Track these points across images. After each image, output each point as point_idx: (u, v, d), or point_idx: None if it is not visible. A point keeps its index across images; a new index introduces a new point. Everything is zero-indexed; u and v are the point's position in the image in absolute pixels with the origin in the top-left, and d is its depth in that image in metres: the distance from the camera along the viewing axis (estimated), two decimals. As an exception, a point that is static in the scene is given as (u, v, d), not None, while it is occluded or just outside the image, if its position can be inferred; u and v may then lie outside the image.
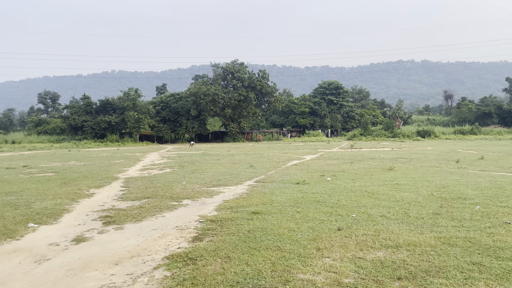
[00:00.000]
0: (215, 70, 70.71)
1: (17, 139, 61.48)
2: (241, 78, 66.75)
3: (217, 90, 64.93)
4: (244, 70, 68.79)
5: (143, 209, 9.48)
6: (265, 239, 6.55)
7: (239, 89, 66.53)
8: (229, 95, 67.57)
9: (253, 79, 68.41)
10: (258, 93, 69.25)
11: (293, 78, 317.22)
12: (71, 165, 23.31)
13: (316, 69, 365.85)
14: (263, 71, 70.85)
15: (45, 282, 5.08)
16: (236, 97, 65.59)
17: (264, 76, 69.78)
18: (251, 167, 19.24)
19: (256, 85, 67.37)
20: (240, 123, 68.40)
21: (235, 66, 69.10)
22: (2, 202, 10.57)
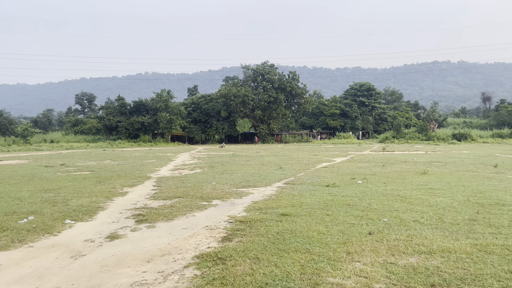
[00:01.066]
0: (245, 71, 71.13)
1: (56, 139, 64.11)
2: (271, 79, 66.83)
3: (247, 92, 65.30)
4: (274, 71, 68.83)
5: (174, 208, 9.65)
6: (294, 241, 6.52)
7: (269, 91, 66.62)
8: (259, 96, 67.79)
9: (283, 80, 68.35)
10: (288, 94, 69.14)
11: (324, 79, 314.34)
12: (106, 164, 24.04)
13: (347, 70, 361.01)
14: (293, 73, 70.66)
15: (81, 277, 5.26)
16: (266, 99, 65.72)
17: (294, 77, 69.58)
18: (280, 168, 19.21)
19: (286, 86, 67.26)
20: (269, 124, 68.49)
21: (266, 67, 69.25)
22: (41, 199, 11.04)
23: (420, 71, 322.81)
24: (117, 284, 4.99)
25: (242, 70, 72.41)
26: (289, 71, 71.40)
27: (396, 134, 63.89)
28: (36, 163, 25.70)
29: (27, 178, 16.41)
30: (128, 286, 4.92)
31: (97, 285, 4.97)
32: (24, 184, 14.33)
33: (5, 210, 9.50)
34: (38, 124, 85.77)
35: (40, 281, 5.16)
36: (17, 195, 11.79)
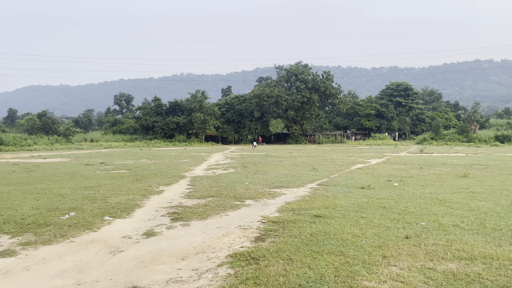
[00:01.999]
0: (278, 72, 71.03)
1: (95, 138, 66.52)
2: (305, 79, 66.37)
3: (280, 92, 65.19)
4: (308, 71, 68.31)
5: (208, 207, 9.78)
6: (328, 243, 6.45)
7: (303, 91, 66.21)
8: (292, 97, 67.50)
9: (317, 80, 67.72)
10: (321, 94, 68.43)
11: (359, 79, 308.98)
12: (143, 163, 24.69)
13: (383, 69, 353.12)
14: (327, 73, 69.86)
15: (119, 272, 5.43)
16: (299, 99, 65.35)
17: (328, 77, 68.77)
18: (313, 169, 19.04)
19: (320, 86, 66.59)
20: (302, 125, 68.05)
21: (299, 67, 68.87)
22: (82, 196, 11.49)
23: (460, 70, 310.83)
24: (153, 280, 5.11)
25: (275, 71, 72.35)
26: (323, 71, 70.63)
27: (434, 135, 61.77)
28: (77, 161, 26.78)
29: (68, 175, 17.12)
30: (164, 282, 5.03)
31: (134, 280, 5.11)
32: (66, 182, 14.96)
33: (49, 206, 9.95)
34: (79, 124, 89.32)
35: (80, 275, 5.36)
36: (59, 192, 12.33)
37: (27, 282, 5.14)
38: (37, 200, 10.75)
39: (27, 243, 6.80)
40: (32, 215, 8.81)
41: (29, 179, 15.85)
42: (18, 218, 8.58)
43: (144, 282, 5.04)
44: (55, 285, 5.03)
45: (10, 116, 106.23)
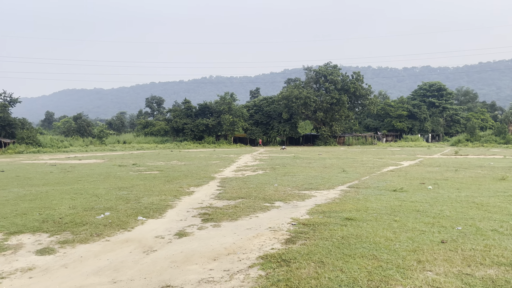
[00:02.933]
0: (307, 73, 70.61)
1: (128, 140, 68.26)
2: (334, 80, 65.67)
3: (309, 93, 64.76)
4: (337, 72, 67.54)
5: (238, 209, 9.83)
6: (360, 246, 6.34)
7: (332, 92, 65.53)
8: (321, 98, 66.93)
9: (347, 81, 66.84)
10: (351, 95, 67.49)
11: (390, 79, 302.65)
12: (173, 164, 25.12)
13: (415, 69, 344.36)
14: (357, 73, 68.84)
15: (152, 271, 5.54)
16: (328, 100, 64.71)
17: (358, 78, 67.74)
18: (343, 171, 18.80)
19: (350, 87, 65.69)
20: (331, 126, 67.33)
21: (328, 68, 68.18)
22: (116, 196, 11.81)
23: (497, 69, 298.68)
24: (186, 280, 5.19)
25: (304, 72, 71.95)
26: (353, 72, 69.63)
27: (470, 136, 59.66)
28: (110, 162, 27.57)
29: (103, 176, 17.64)
30: (196, 282, 5.10)
31: (168, 280, 5.20)
32: (101, 182, 15.42)
33: (85, 206, 10.29)
34: (112, 126, 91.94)
35: (116, 273, 5.51)
36: (94, 192, 12.72)
37: (66, 279, 5.32)
38: (74, 200, 11.13)
39: (65, 241, 7.05)
40: (69, 215, 9.13)
41: (66, 180, 16.45)
42: (56, 217, 8.91)
43: (177, 282, 5.13)
44: (92, 283, 5.19)
45: (48, 119, 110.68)
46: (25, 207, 10.15)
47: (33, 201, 11.00)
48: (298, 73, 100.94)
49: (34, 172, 20.61)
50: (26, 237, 7.39)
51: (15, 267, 5.78)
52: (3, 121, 55.35)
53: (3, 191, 13.29)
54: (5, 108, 56.96)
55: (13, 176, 18.44)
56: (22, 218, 8.85)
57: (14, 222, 8.42)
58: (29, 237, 7.39)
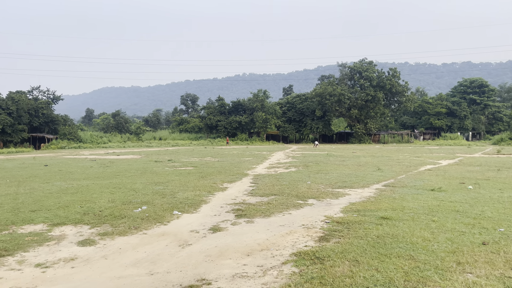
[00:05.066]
0: (341, 70, 69.57)
1: (163, 136, 69.87)
2: (369, 77, 64.34)
3: (343, 90, 63.81)
4: (373, 68, 66.13)
5: (271, 205, 9.85)
6: (396, 246, 6.20)
7: (367, 89, 64.26)
8: (355, 95, 65.80)
9: (382, 78, 65.33)
10: (387, 92, 65.94)
11: (428, 76, 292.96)
12: (207, 160, 25.49)
13: (455, 65, 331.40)
14: (393, 69, 67.14)
15: (188, 265, 5.66)
16: (363, 97, 63.52)
17: (395, 74, 66.04)
18: (378, 170, 18.41)
19: (386, 84, 64.17)
20: (366, 124, 66.05)
21: (363, 65, 66.88)
22: (152, 191, 12.13)
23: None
24: (220, 274, 5.26)
25: (338, 69, 70.96)
26: (389, 68, 67.96)
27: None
28: (147, 158, 28.32)
29: (140, 171, 18.16)
30: (230, 277, 5.16)
31: (202, 273, 5.30)
32: (138, 177, 15.88)
33: (123, 199, 10.64)
34: (148, 123, 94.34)
35: (153, 266, 5.67)
36: (132, 186, 13.12)
37: (106, 270, 5.53)
38: (113, 194, 11.53)
39: (105, 233, 7.33)
40: (109, 208, 9.47)
41: (105, 174, 17.06)
42: (96, 210, 9.27)
43: (211, 275, 5.21)
44: (130, 274, 5.37)
45: (88, 115, 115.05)
46: (67, 200, 10.62)
47: (74, 194, 11.49)
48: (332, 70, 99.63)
49: (76, 166, 21.50)
50: (69, 228, 7.73)
51: (58, 257, 6.06)
52: (46, 118, 58.01)
53: (47, 184, 13.96)
54: (49, 105, 59.67)
55: (56, 170, 19.32)
56: (65, 210, 9.26)
57: (57, 214, 8.83)
58: (71, 228, 7.73)
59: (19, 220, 8.31)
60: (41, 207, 9.66)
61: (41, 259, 5.96)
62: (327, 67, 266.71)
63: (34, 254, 6.18)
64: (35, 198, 10.90)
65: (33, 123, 56.18)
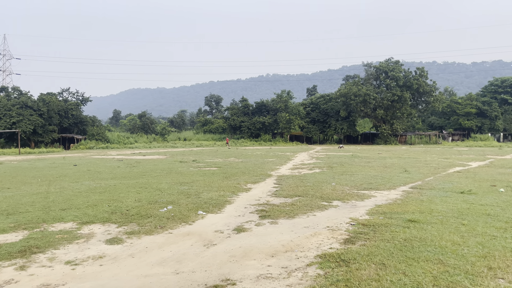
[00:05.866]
0: (367, 69, 68.61)
1: (188, 137, 70.74)
2: (396, 77, 63.14)
3: (368, 90, 62.88)
4: (399, 68, 64.86)
5: (295, 207, 9.80)
6: (424, 250, 6.06)
7: (393, 89, 63.10)
8: (381, 95, 64.72)
9: (409, 77, 63.99)
10: (414, 92, 64.55)
11: (457, 75, 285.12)
12: (231, 161, 25.62)
13: (485, 64, 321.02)
14: (420, 69, 65.65)
15: (212, 264, 5.70)
16: (389, 97, 62.39)
17: (422, 74, 64.57)
18: (405, 171, 18.04)
19: (413, 84, 62.83)
20: (392, 124, 64.84)
21: (389, 64, 65.70)
22: (177, 191, 12.28)
23: None
24: (245, 274, 5.27)
25: (363, 68, 70.05)
26: (416, 67, 66.48)
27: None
28: (172, 158, 28.73)
29: (165, 171, 18.43)
30: (255, 277, 5.16)
31: (227, 273, 5.33)
32: (163, 177, 16.12)
33: (149, 199, 10.82)
34: (173, 124, 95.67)
35: (178, 265, 5.74)
36: (158, 186, 13.34)
37: (133, 268, 5.64)
38: (139, 194, 11.75)
39: (132, 232, 7.47)
40: (135, 207, 9.66)
41: (131, 174, 17.41)
42: (124, 209, 9.46)
43: (236, 276, 5.23)
44: (156, 273, 5.45)
45: (115, 116, 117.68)
46: (95, 199, 10.89)
47: (102, 194, 11.77)
48: (357, 70, 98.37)
49: (103, 166, 22.03)
50: (97, 227, 7.92)
51: (87, 255, 6.22)
52: (76, 119, 59.70)
53: (76, 183, 14.36)
54: (78, 107, 61.40)
55: (85, 170, 19.86)
56: (93, 209, 9.50)
57: (86, 213, 9.07)
58: (99, 227, 7.92)
59: (50, 218, 8.57)
60: (70, 205, 9.94)
61: (71, 256, 6.13)
62: (352, 67, 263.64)
63: (64, 251, 6.37)
64: (65, 197, 11.23)
65: (63, 124, 57.93)
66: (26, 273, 5.42)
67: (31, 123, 51.57)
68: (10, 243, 6.71)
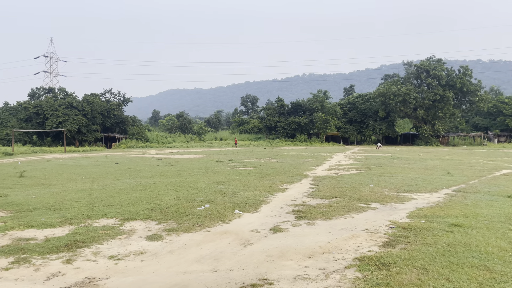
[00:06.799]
0: (407, 68, 66.65)
1: (224, 137, 71.54)
2: (438, 76, 60.96)
3: (408, 90, 61.08)
4: (442, 67, 62.55)
5: (332, 208, 9.68)
6: (469, 255, 5.80)
7: (435, 88, 60.96)
8: (422, 94, 62.68)
9: (452, 76, 61.59)
10: (457, 92, 62.05)
11: (504, 74, 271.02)
12: (266, 161, 25.66)
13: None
14: (464, 67, 63.04)
15: (249, 264, 5.73)
16: (430, 97, 60.33)
17: (466, 72, 61.97)
18: (448, 174, 17.37)
19: (456, 83, 60.41)
20: (434, 125, 62.64)
21: (431, 63, 63.51)
22: (214, 190, 12.45)
23: None
24: (282, 275, 5.26)
25: (403, 67, 68.11)
26: (460, 66, 63.91)
27: None
28: (208, 158, 29.15)
29: (202, 171, 18.73)
30: (292, 278, 5.14)
31: (264, 273, 5.34)
32: (200, 176, 16.39)
33: (187, 197, 11.04)
34: (210, 124, 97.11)
35: (216, 263, 5.82)
36: (195, 185, 13.57)
37: (172, 265, 5.77)
38: (178, 192, 12.01)
39: (171, 229, 7.64)
40: (174, 205, 9.87)
41: (170, 173, 17.83)
42: (163, 206, 9.70)
43: (273, 276, 5.23)
44: (195, 270, 5.55)
45: (154, 116, 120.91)
46: (136, 196, 11.24)
47: (143, 191, 12.13)
48: (396, 69, 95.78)
49: (143, 165, 22.70)
50: (138, 223, 8.17)
51: (129, 250, 6.42)
52: (117, 119, 61.86)
53: (117, 181, 14.87)
54: (119, 107, 63.60)
55: (126, 168, 20.53)
56: (134, 206, 9.81)
57: (127, 210, 9.37)
58: (140, 223, 8.16)
59: (94, 214, 8.93)
60: (113, 202, 10.31)
61: (114, 251, 6.35)
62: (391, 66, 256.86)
63: (107, 246, 6.61)
64: (107, 194, 11.66)
65: (105, 123, 60.19)
66: (72, 266, 5.67)
67: (76, 122, 53.96)
68: (57, 237, 7.04)
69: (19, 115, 57.22)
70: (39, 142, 54.96)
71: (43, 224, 7.92)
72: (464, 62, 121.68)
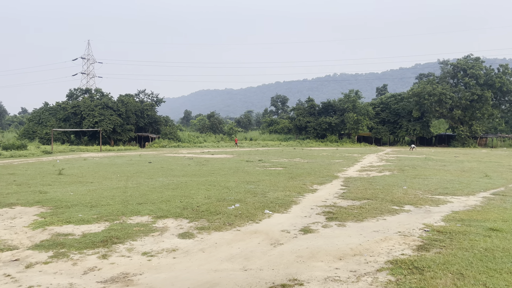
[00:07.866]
0: (443, 67, 64.60)
1: (254, 137, 71.79)
2: (475, 75, 58.74)
3: (444, 89, 59.16)
4: (480, 65, 60.22)
5: (363, 210, 9.53)
6: (508, 261, 5.57)
7: (472, 88, 58.76)
8: (459, 94, 60.57)
9: (491, 75, 59.18)
10: (496, 91, 59.59)
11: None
12: (296, 161, 25.54)
13: None
14: (504, 66, 60.43)
15: (279, 264, 5.74)
16: (467, 97, 58.20)
17: (506, 71, 59.40)
18: (486, 176, 16.71)
19: (495, 82, 58.01)
20: (471, 126, 60.39)
21: (469, 61, 61.27)
22: (244, 190, 12.52)
23: None
24: (312, 276, 5.24)
25: (439, 66, 66.04)
26: (499, 65, 61.31)
27: None
28: (239, 158, 29.34)
29: (232, 170, 18.88)
30: (322, 279, 5.11)
31: (294, 273, 5.33)
32: (231, 176, 16.53)
33: (218, 196, 11.16)
34: (240, 124, 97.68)
35: (246, 262, 5.86)
36: (225, 184, 13.70)
37: (203, 263, 5.86)
38: (208, 191, 12.17)
39: (202, 228, 7.76)
40: (205, 204, 10.01)
41: (201, 172, 18.08)
42: (194, 205, 9.86)
43: (303, 276, 5.21)
44: (225, 268, 5.61)
45: (186, 117, 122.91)
46: (168, 194, 11.47)
47: (175, 190, 12.36)
48: (431, 68, 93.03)
49: (175, 164, 23.13)
50: (170, 221, 8.34)
51: (161, 247, 6.57)
52: (150, 119, 63.33)
53: (151, 180, 15.23)
54: (153, 107, 65.09)
55: (159, 167, 20.99)
56: (167, 204, 10.02)
57: (160, 208, 9.59)
58: (172, 221, 8.33)
59: (128, 211, 9.19)
60: (146, 200, 10.57)
61: (147, 248, 6.52)
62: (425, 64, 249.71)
63: (141, 243, 6.79)
64: (141, 192, 11.97)
65: (139, 123, 61.75)
66: (108, 261, 5.86)
67: (111, 122, 55.63)
68: (93, 233, 7.30)
69: (58, 115, 59.63)
70: (77, 141, 57.07)
71: (81, 220, 8.23)
72: (503, 60, 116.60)
